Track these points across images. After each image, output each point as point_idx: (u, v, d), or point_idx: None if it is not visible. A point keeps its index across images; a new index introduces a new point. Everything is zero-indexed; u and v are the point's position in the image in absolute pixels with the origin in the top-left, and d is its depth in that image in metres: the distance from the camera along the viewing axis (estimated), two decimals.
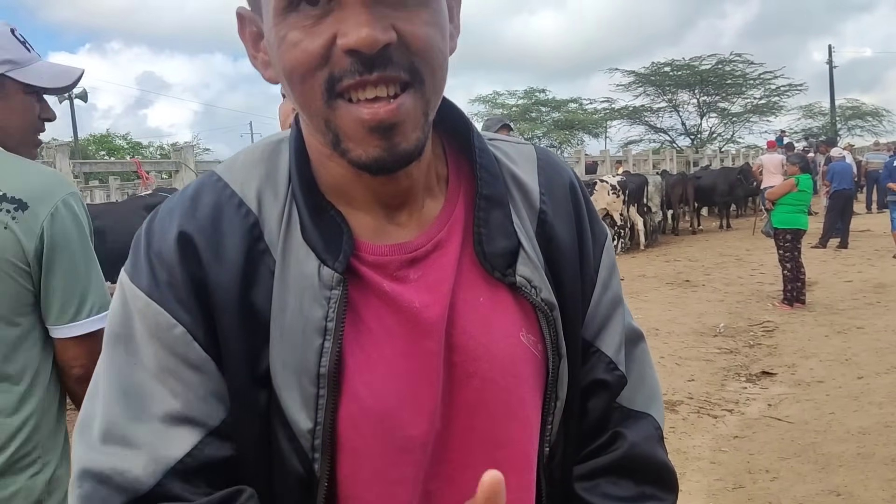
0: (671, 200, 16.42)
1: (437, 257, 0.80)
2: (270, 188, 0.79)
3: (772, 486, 3.85)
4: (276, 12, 0.70)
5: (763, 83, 36.70)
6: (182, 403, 0.74)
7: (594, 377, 0.89)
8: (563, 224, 0.87)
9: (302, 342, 0.74)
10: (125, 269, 0.80)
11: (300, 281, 0.75)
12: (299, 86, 0.71)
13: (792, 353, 6.37)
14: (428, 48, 0.70)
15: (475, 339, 0.79)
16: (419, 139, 0.72)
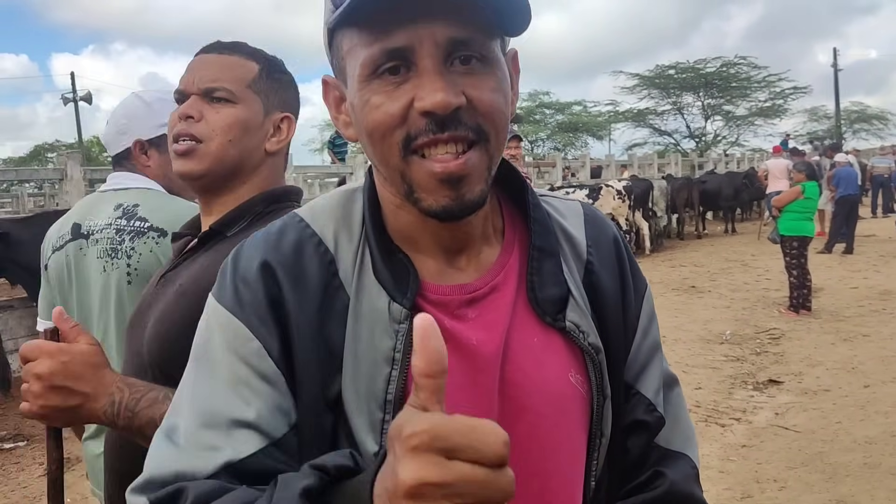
0: (676, 205, 16.47)
1: (494, 299, 0.88)
2: (346, 231, 0.88)
3: (780, 496, 3.90)
4: (361, 79, 0.79)
5: (768, 86, 36.77)
6: (252, 412, 0.80)
7: (634, 417, 0.95)
8: (607, 274, 0.94)
9: (372, 371, 0.81)
10: (212, 293, 0.88)
11: (372, 315, 0.83)
12: (379, 143, 0.80)
13: (798, 361, 6.42)
14: (492, 111, 0.79)
15: (528, 377, 0.86)
16: (482, 191, 0.81)
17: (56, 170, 7.96)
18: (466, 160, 0.78)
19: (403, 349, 0.81)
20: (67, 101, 34.92)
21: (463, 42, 0.77)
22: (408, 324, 0.82)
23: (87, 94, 35.21)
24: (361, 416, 0.81)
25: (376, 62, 0.77)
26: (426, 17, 0.75)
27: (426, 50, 0.76)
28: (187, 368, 0.86)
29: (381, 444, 0.80)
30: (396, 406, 0.80)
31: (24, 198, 17.47)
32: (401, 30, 0.75)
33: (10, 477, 4.69)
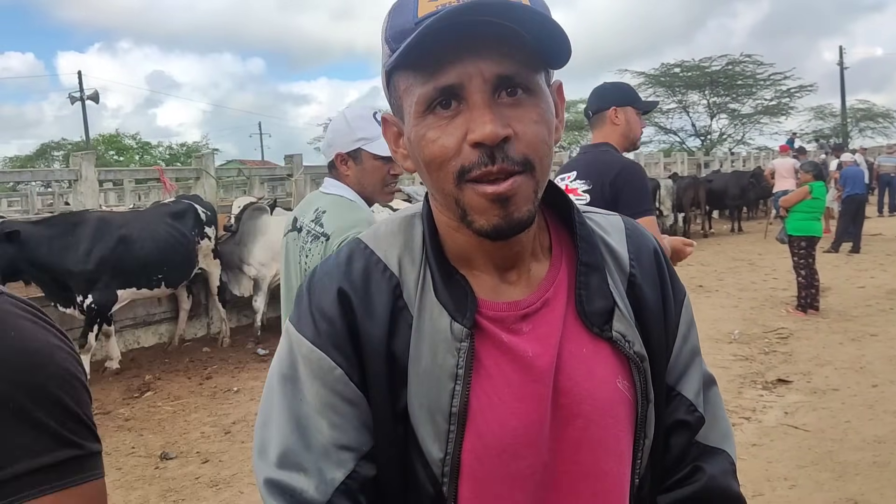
0: (683, 204, 16.50)
1: (545, 313, 0.94)
2: (408, 255, 0.95)
3: (790, 494, 3.96)
4: (417, 115, 0.86)
5: (773, 84, 36.68)
6: (341, 433, 0.90)
7: (676, 418, 1.02)
8: (649, 285, 1.01)
9: (437, 386, 0.89)
10: (290, 319, 0.96)
11: (434, 334, 0.90)
12: (436, 172, 0.87)
13: (807, 361, 6.47)
14: (536, 142, 0.86)
15: (579, 385, 0.93)
16: (530, 211, 0.87)
17: (71, 170, 8.02)
18: (513, 182, 0.84)
19: (466, 366, 0.89)
20: (74, 99, 35.04)
21: (509, 76, 0.83)
22: (468, 342, 0.89)
23: (94, 93, 35.36)
24: (427, 426, 0.89)
25: (430, 98, 0.84)
26: (474, 56, 0.82)
27: (475, 86, 0.83)
28: (274, 389, 0.94)
29: (446, 452, 0.89)
30: (460, 418, 0.88)
31: (34, 196, 17.58)
32: (451, 68, 0.82)
33: None
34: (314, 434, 0.90)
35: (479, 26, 0.80)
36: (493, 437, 0.90)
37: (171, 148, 45.85)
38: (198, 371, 7.24)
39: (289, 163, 10.52)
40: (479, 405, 0.90)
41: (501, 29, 0.81)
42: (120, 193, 17.96)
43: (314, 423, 0.90)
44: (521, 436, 0.90)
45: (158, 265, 7.24)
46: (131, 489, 4.47)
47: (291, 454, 0.90)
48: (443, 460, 0.89)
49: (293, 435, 0.90)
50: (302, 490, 0.88)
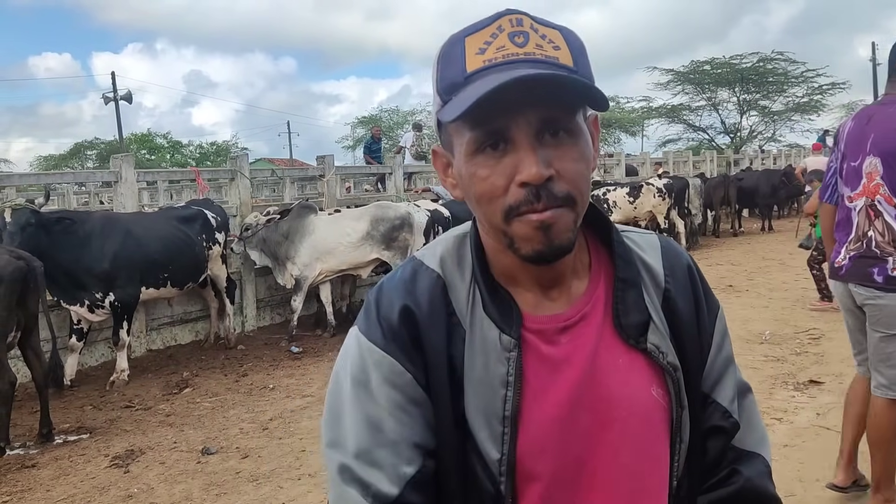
0: (713, 202, 16.42)
1: (583, 326, 1.02)
2: (459, 273, 1.05)
3: (823, 495, 3.98)
4: (467, 155, 0.95)
5: (805, 81, 36.22)
6: (411, 431, 0.99)
7: (712, 423, 1.10)
8: (683, 299, 1.08)
9: (490, 392, 0.98)
10: (359, 326, 1.05)
11: (485, 345, 0.99)
12: (486, 207, 0.96)
13: (839, 362, 6.44)
14: (577, 179, 0.95)
15: (614, 392, 1.01)
16: (570, 239, 0.96)
17: (111, 172, 8.22)
18: (555, 213, 0.93)
19: (515, 373, 0.97)
20: (108, 100, 35.57)
21: (551, 120, 0.92)
22: (517, 352, 0.98)
23: (127, 94, 35.88)
24: (484, 430, 0.98)
25: (480, 141, 0.93)
26: (519, 108, 0.90)
27: (522, 130, 0.91)
28: (346, 391, 1.03)
29: (503, 453, 0.97)
30: (513, 421, 0.97)
31: (70, 195, 17.93)
32: (500, 115, 0.90)
33: (77, 468, 4.92)
34: (387, 433, 0.98)
35: (525, 88, 0.87)
36: (536, 440, 0.98)
37: (202, 147, 46.42)
38: (234, 368, 7.40)
39: (320, 163, 10.66)
40: (528, 410, 0.98)
41: (543, 87, 0.88)
42: (153, 193, 18.24)
43: (386, 423, 0.99)
44: (559, 438, 0.99)
45: (163, 264, 7.30)
46: (175, 483, 4.61)
47: (365, 451, 0.99)
48: (500, 461, 0.97)
49: (366, 433, 0.99)
50: (376, 483, 0.97)
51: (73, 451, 5.25)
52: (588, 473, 1.00)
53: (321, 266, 8.35)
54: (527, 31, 0.91)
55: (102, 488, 4.58)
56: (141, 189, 18.13)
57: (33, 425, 5.60)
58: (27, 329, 5.46)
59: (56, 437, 5.49)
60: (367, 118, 43.78)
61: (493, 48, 0.90)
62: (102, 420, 5.92)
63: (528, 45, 0.90)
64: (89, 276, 6.65)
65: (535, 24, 0.92)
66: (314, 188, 14.42)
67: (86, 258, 6.61)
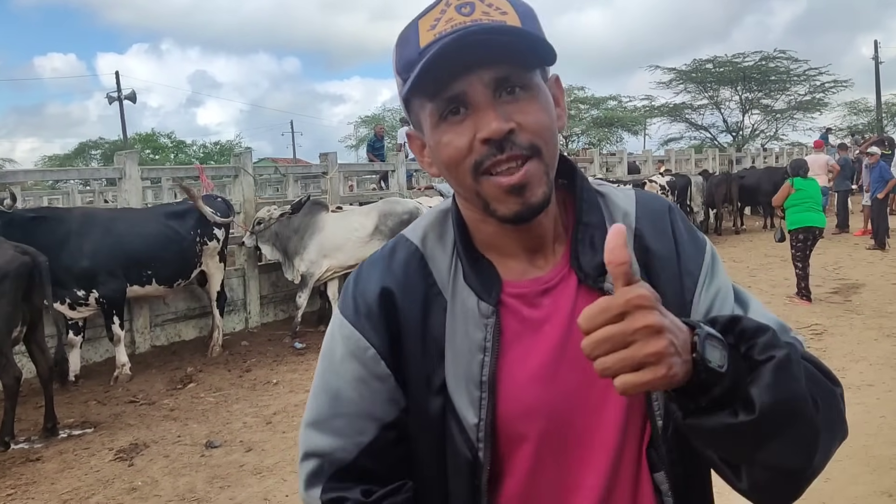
0: (715, 200, 16.42)
1: (564, 287, 1.04)
2: (440, 246, 1.07)
3: (825, 487, 3.99)
4: (432, 125, 0.97)
5: (808, 79, 36.16)
6: (369, 404, 1.04)
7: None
8: (658, 239, 1.06)
9: (468, 358, 1.00)
10: (338, 306, 1.10)
11: (465, 313, 1.02)
12: (455, 170, 0.97)
13: (841, 357, 6.46)
14: (540, 128, 0.95)
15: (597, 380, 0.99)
16: (545, 193, 0.97)
17: (115, 169, 8.25)
18: (526, 171, 0.94)
19: (493, 339, 1.00)
20: (112, 99, 35.63)
21: (505, 78, 0.94)
22: (494, 318, 1.00)
23: (131, 93, 35.94)
24: (462, 395, 1.00)
25: (441, 109, 0.95)
26: (471, 70, 0.93)
27: (477, 91, 0.93)
28: (320, 365, 1.09)
29: (480, 417, 0.99)
30: (490, 386, 0.99)
31: (74, 194, 17.97)
32: (454, 81, 0.93)
33: (81, 461, 4.95)
34: (346, 403, 1.04)
35: (471, 50, 0.90)
36: (519, 402, 1.00)
37: (205, 147, 46.49)
38: (237, 364, 7.42)
39: (324, 161, 10.68)
40: (507, 373, 1.00)
41: (491, 48, 0.91)
42: (157, 191, 18.29)
43: (345, 393, 1.05)
44: (544, 399, 1.00)
45: (144, 261, 7.19)
46: (179, 476, 4.63)
47: (323, 419, 1.05)
48: (477, 426, 0.99)
49: (327, 403, 1.06)
50: (332, 451, 1.03)
51: (78, 444, 5.28)
52: (575, 432, 1.01)
53: (329, 263, 8.36)
54: (472, 2, 0.94)
55: (107, 481, 4.60)
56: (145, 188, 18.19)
57: (38, 420, 5.62)
58: (32, 324, 5.49)
59: (61, 431, 5.52)
60: (370, 117, 43.80)
61: (443, 22, 0.94)
62: (107, 414, 5.95)
63: (475, 13, 0.93)
64: (68, 274, 6.51)
65: None
66: (317, 186, 14.45)
67: (64, 256, 6.45)
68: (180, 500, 4.31)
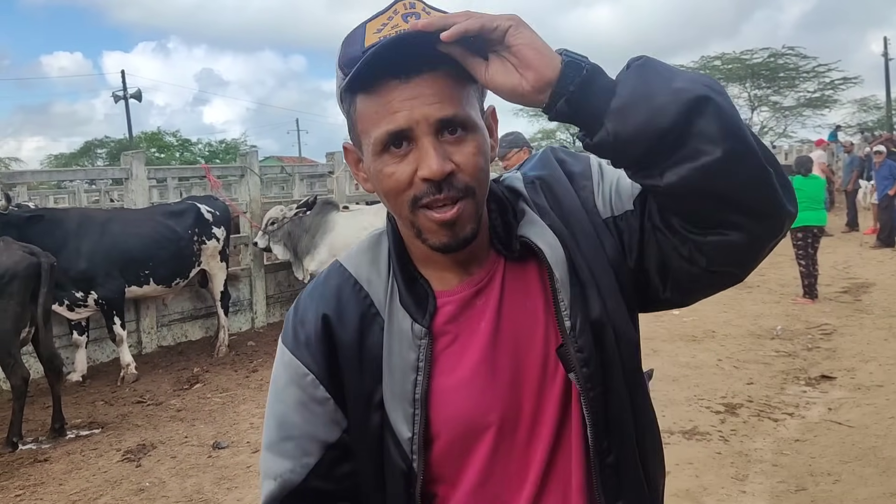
0: None
1: (494, 286, 1.10)
2: (375, 270, 1.13)
3: (834, 489, 3.97)
4: (374, 153, 1.01)
5: (817, 76, 35.97)
6: (312, 427, 1.11)
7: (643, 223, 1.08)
8: (555, 178, 1.16)
9: (403, 377, 1.06)
10: (281, 334, 1.16)
11: (400, 334, 1.07)
12: (394, 200, 1.02)
13: (851, 357, 6.43)
14: (476, 172, 1.01)
15: (522, 325, 1.08)
16: (473, 228, 1.03)
17: (122, 169, 8.26)
18: (458, 209, 0.99)
19: (426, 359, 1.05)
20: (118, 98, 35.77)
21: (449, 119, 0.98)
22: (427, 339, 1.06)
23: (136, 92, 36.08)
24: (398, 411, 1.06)
25: (384, 141, 0.99)
26: (420, 104, 0.96)
27: (422, 130, 0.97)
28: (269, 394, 1.16)
29: (414, 432, 1.05)
30: (423, 403, 1.05)
31: (80, 193, 18.01)
32: (400, 115, 0.97)
33: (89, 462, 4.96)
34: (291, 427, 1.11)
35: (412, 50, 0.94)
36: (455, 415, 1.06)
37: (211, 145, 46.51)
38: (244, 364, 7.42)
39: (330, 160, 10.67)
40: (441, 390, 1.06)
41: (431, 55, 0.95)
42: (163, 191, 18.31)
43: (290, 418, 1.11)
44: (479, 407, 1.06)
45: (142, 260, 7.15)
46: (186, 476, 4.63)
47: (273, 443, 1.13)
48: (411, 439, 1.06)
49: (276, 428, 1.13)
50: (282, 473, 1.11)
51: (86, 445, 5.28)
52: (525, 417, 1.07)
53: None
54: (418, 13, 0.99)
55: (115, 482, 4.61)
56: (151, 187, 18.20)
57: (46, 420, 5.64)
58: (40, 325, 5.49)
59: (68, 431, 5.53)
60: None
61: (389, 27, 0.98)
62: (114, 415, 5.96)
63: None
64: (65, 276, 6.46)
65: (427, 7, 1.01)
66: (323, 185, 14.44)
67: (61, 258, 6.22)
68: (188, 502, 4.31)
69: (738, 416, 5.13)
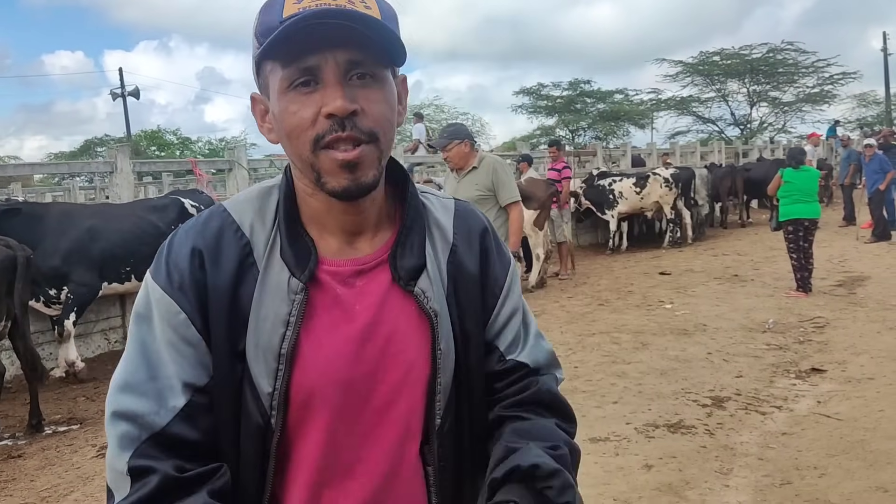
0: (720, 193, 16.26)
1: (379, 272, 1.10)
2: (260, 220, 1.10)
3: (819, 483, 3.88)
4: (280, 91, 1.01)
5: (816, 71, 35.89)
6: (181, 369, 1.04)
7: (490, 368, 1.17)
8: (470, 256, 1.17)
9: (271, 330, 1.03)
10: (150, 270, 1.09)
11: (275, 287, 1.05)
12: (296, 140, 1.01)
13: (843, 350, 6.34)
14: (381, 118, 1.02)
15: (398, 335, 1.08)
16: (375, 176, 1.03)
17: (106, 163, 8.18)
18: (361, 151, 0.99)
19: (297, 314, 1.03)
20: (116, 96, 35.70)
21: (358, 62, 0.99)
22: (303, 295, 1.04)
23: (134, 90, 36.00)
24: (259, 364, 1.03)
25: (292, 77, 0.99)
26: (330, 47, 0.97)
27: (330, 68, 0.98)
28: (132, 329, 1.08)
29: (275, 388, 1.03)
30: (289, 358, 1.03)
31: (76, 191, 17.95)
32: (311, 55, 0.97)
33: (63, 458, 4.88)
34: (159, 367, 1.04)
35: (330, 28, 0.95)
36: (319, 375, 1.04)
37: (211, 143, 46.46)
38: None
39: None
40: (309, 348, 1.04)
41: (350, 32, 0.95)
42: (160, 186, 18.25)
43: (160, 357, 1.04)
44: (345, 374, 1.05)
45: (123, 257, 7.03)
46: None
47: (136, 382, 1.03)
48: (271, 395, 1.03)
49: (142, 366, 1.04)
50: (144, 414, 1.01)
51: (62, 441, 5.21)
52: (371, 408, 1.07)
53: None
54: None
55: (87, 478, 4.53)
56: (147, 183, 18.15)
57: (25, 416, 5.56)
58: (17, 319, 5.41)
59: (46, 427, 5.45)
60: None
61: (309, 0, 0.97)
62: (94, 411, 5.87)
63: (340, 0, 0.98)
64: (38, 271, 6.28)
65: None
66: None
67: (37, 253, 6.09)
68: None
69: (725, 410, 5.04)
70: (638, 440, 4.58)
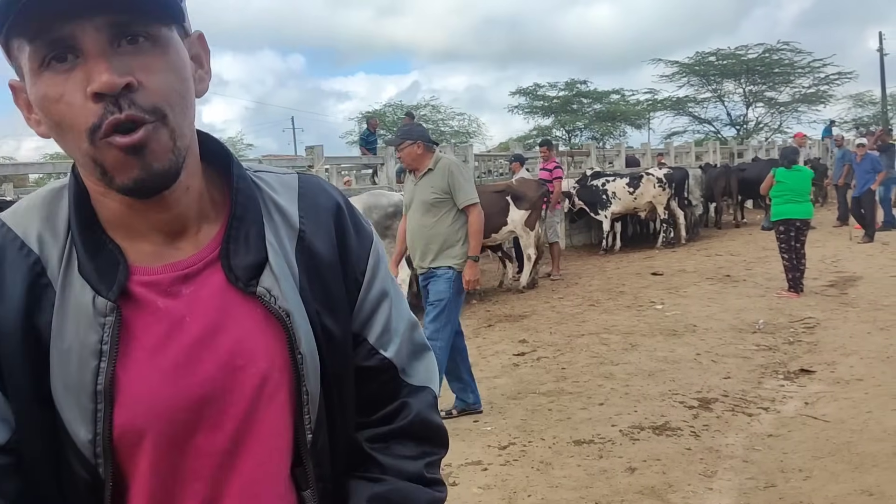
0: (714, 193, 16.22)
1: (209, 274, 0.91)
2: (50, 230, 0.89)
3: (804, 486, 3.83)
4: (32, 73, 0.81)
5: (812, 71, 35.86)
6: None
7: (360, 364, 1.02)
8: (323, 241, 0.99)
9: (80, 364, 0.84)
10: None
11: (77, 310, 0.85)
12: (69, 133, 0.82)
13: (832, 351, 6.29)
14: (166, 91, 0.83)
15: (242, 346, 0.90)
16: (172, 161, 0.84)
17: None
18: (145, 130, 0.80)
19: (111, 341, 0.84)
20: None
21: (124, 24, 0.80)
22: (114, 316, 0.85)
23: None
24: (72, 408, 0.84)
25: (41, 53, 0.79)
26: (87, 8, 0.78)
27: (89, 35, 0.78)
28: None
29: (96, 432, 0.84)
30: (107, 396, 0.84)
31: None
32: (61, 22, 0.78)
33: None
34: None
35: None
36: (147, 410, 0.86)
37: None
38: None
39: (310, 154, 10.54)
40: (130, 380, 0.86)
41: None
42: None
43: None
44: (179, 405, 0.87)
45: None
46: None
47: None
48: (93, 441, 0.84)
49: None
50: None
51: None
52: (222, 438, 0.89)
53: None
54: None
55: None
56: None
57: None
58: None
59: None
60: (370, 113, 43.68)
61: None
62: None
63: None
64: None
65: None
66: None
67: None
68: None
69: (711, 412, 4.99)
70: (622, 442, 4.53)
